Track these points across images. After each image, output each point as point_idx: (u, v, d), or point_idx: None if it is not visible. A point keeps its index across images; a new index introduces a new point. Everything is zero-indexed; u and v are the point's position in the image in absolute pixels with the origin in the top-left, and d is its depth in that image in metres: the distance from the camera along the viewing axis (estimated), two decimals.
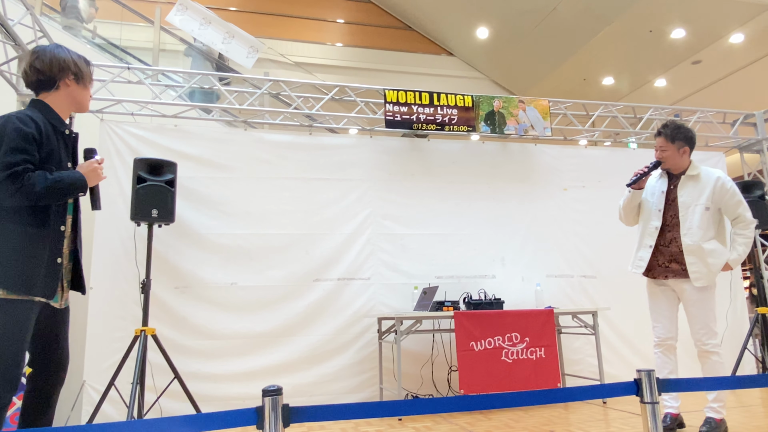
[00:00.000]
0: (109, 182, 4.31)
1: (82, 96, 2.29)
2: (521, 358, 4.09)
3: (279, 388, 1.48)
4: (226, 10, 9.37)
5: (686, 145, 3.30)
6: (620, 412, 3.90)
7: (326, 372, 4.46)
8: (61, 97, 2.22)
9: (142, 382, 3.61)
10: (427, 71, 10.44)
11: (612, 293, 5.18)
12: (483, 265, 5.01)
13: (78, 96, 2.27)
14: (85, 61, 2.31)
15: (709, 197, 3.22)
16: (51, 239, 2.13)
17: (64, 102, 2.24)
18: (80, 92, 2.27)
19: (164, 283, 4.29)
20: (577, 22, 8.71)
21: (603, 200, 5.39)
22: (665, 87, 9.87)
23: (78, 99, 2.28)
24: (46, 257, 2.10)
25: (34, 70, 2.17)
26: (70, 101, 2.26)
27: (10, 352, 1.99)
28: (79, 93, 2.27)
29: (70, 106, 2.27)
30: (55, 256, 2.13)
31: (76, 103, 2.29)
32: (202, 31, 4.96)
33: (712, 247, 3.17)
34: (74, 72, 2.24)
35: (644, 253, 3.39)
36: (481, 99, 5.05)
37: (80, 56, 2.30)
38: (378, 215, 4.86)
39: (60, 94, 2.22)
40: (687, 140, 3.30)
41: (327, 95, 4.96)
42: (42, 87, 2.20)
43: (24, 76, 2.22)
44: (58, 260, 2.15)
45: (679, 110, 5.91)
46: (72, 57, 2.25)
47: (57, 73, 2.19)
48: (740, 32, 8.10)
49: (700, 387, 1.84)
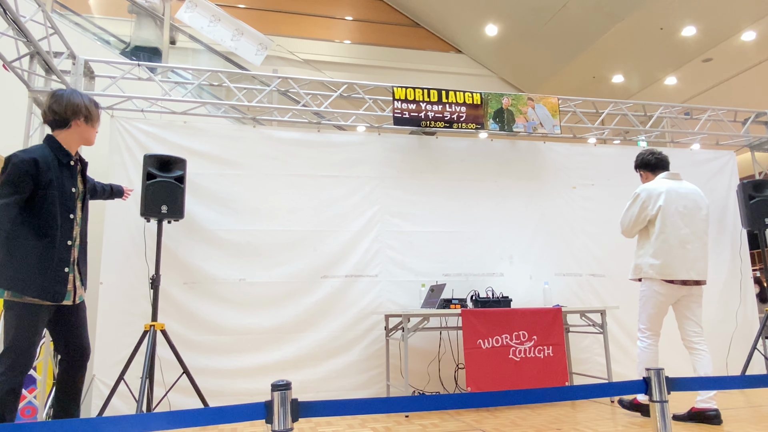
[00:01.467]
0: (119, 178, 4.34)
1: (89, 134, 2.70)
2: (529, 357, 4.08)
3: (288, 383, 1.49)
4: (236, 8, 9.40)
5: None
6: (628, 411, 3.88)
7: (333, 368, 4.48)
8: (71, 135, 2.62)
9: (151, 376, 3.64)
10: (436, 69, 10.43)
11: (621, 292, 5.16)
12: (491, 263, 5.00)
13: (86, 134, 2.68)
14: (95, 104, 2.71)
15: None
16: (58, 251, 2.50)
17: (74, 139, 2.64)
18: (88, 131, 2.69)
19: (173, 279, 4.32)
20: (587, 20, 8.66)
21: (612, 198, 5.36)
22: (676, 85, 9.79)
23: (85, 136, 2.68)
24: (54, 267, 2.48)
25: (52, 112, 2.58)
26: (78, 138, 2.66)
27: (22, 344, 2.40)
28: (87, 131, 2.68)
29: (79, 142, 2.67)
30: (62, 266, 2.52)
31: (84, 140, 2.69)
32: (211, 28, 4.97)
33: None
34: (85, 114, 2.63)
35: None
36: (490, 96, 5.03)
37: (91, 100, 2.70)
38: (386, 212, 4.86)
39: (71, 132, 2.62)
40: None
41: (335, 92, 4.97)
42: (56, 125, 2.60)
43: (43, 116, 2.64)
44: (65, 269, 2.53)
45: (690, 108, 5.87)
46: (84, 101, 2.64)
47: (70, 116, 2.59)
48: (752, 30, 8.02)
49: (711, 386, 1.83)
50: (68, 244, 2.56)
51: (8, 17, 3.36)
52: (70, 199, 2.60)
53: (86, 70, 4.37)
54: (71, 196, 2.61)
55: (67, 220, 2.57)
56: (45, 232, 2.47)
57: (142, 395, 3.44)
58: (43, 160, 2.50)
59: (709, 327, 5.24)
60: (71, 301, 2.59)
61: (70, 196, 2.60)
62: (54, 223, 2.50)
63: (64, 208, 2.56)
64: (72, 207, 2.60)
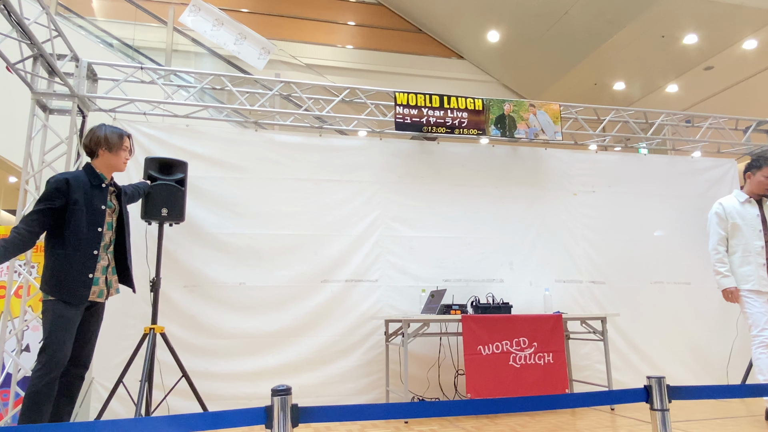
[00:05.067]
0: (121, 181, 4.33)
1: (113, 161, 3.13)
2: (529, 363, 4.07)
3: (288, 388, 1.49)
4: (239, 12, 9.43)
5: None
6: (628, 419, 3.87)
7: (333, 373, 4.47)
8: (100, 162, 3.11)
9: (150, 380, 3.62)
10: (438, 74, 10.44)
11: (621, 299, 5.15)
12: (491, 269, 4.99)
13: (111, 161, 3.12)
14: (118, 136, 3.13)
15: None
16: (82, 259, 2.90)
17: (103, 165, 3.12)
18: (113, 158, 3.12)
19: (174, 282, 4.31)
20: (589, 27, 8.68)
21: (613, 206, 5.36)
22: (677, 93, 9.81)
23: (111, 163, 3.12)
24: (78, 273, 2.88)
25: (84, 145, 3.14)
26: (106, 164, 3.12)
27: (57, 341, 2.76)
28: (112, 159, 3.12)
29: (108, 168, 3.13)
30: (87, 272, 2.91)
31: (110, 166, 3.13)
32: (214, 32, 4.99)
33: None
34: (106, 145, 3.08)
35: (763, 272, 3.93)
36: (492, 102, 5.04)
37: (114, 132, 3.13)
38: (387, 217, 4.86)
39: (100, 160, 3.10)
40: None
41: (337, 97, 4.97)
42: (89, 155, 3.12)
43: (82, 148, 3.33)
44: (90, 275, 2.92)
45: (691, 116, 5.88)
46: (106, 133, 3.09)
47: (95, 147, 3.08)
48: (753, 38, 8.04)
49: (712, 395, 1.83)
50: (94, 253, 2.95)
51: (12, 19, 3.37)
52: (99, 215, 3.01)
53: (89, 72, 4.38)
54: (101, 212, 3.02)
55: (93, 233, 2.96)
56: (71, 242, 2.87)
57: (141, 398, 3.43)
58: (75, 181, 2.94)
59: (709, 336, 5.24)
60: (103, 299, 3.06)
61: (100, 212, 3.01)
62: (80, 234, 2.90)
63: (91, 221, 2.96)
64: (100, 221, 3.01)
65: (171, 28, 6.18)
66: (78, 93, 4.20)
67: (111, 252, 3.13)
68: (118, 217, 3.19)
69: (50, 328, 2.77)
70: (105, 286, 3.05)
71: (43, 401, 2.68)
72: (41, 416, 2.69)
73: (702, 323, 5.25)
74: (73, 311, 2.84)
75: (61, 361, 2.76)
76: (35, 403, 2.67)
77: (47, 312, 2.80)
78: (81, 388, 3.04)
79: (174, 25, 6.21)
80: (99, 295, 3.01)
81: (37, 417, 2.67)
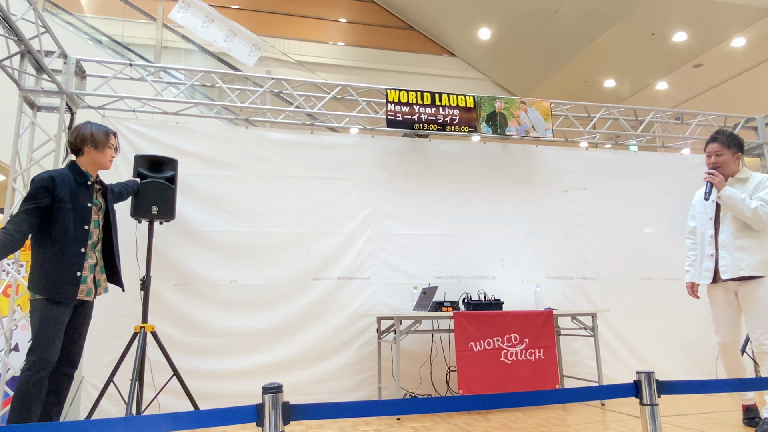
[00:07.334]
0: (110, 179, 4.31)
1: (99, 158, 3.08)
2: (520, 359, 4.09)
3: (279, 386, 1.48)
4: (229, 8, 9.37)
5: (739, 150, 3.41)
6: (618, 414, 3.90)
7: (325, 371, 4.46)
8: (85, 160, 3.06)
9: (141, 378, 3.61)
10: (429, 71, 10.45)
11: (611, 295, 5.19)
12: (483, 265, 5.01)
13: (96, 159, 3.07)
14: (104, 133, 3.09)
15: (750, 193, 3.27)
16: (70, 257, 2.86)
17: (89, 163, 3.07)
18: (98, 156, 3.08)
19: (164, 280, 4.29)
20: (579, 25, 8.71)
21: (603, 202, 5.40)
22: (666, 90, 9.88)
23: (96, 160, 3.08)
24: (66, 270, 2.85)
25: (69, 142, 3.08)
26: (91, 162, 3.07)
27: (45, 341, 2.74)
28: (97, 156, 3.07)
29: (93, 165, 3.08)
30: (74, 270, 2.88)
31: (96, 164, 3.09)
32: (204, 29, 4.95)
33: (742, 243, 3.23)
34: (92, 142, 3.04)
35: (709, 263, 3.41)
36: (483, 100, 5.05)
37: (100, 129, 3.09)
38: (378, 215, 4.86)
39: (85, 157, 3.06)
40: (740, 146, 3.42)
41: (329, 94, 4.96)
42: (75, 153, 3.07)
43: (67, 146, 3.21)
44: (78, 273, 2.89)
45: (680, 113, 5.92)
46: (92, 131, 3.06)
47: (80, 144, 3.04)
48: (742, 36, 8.11)
49: (701, 389, 1.85)
50: (81, 251, 2.92)
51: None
52: (86, 213, 2.97)
53: (78, 69, 4.34)
54: (87, 210, 2.98)
55: (81, 231, 2.93)
56: (58, 240, 2.84)
57: (132, 397, 3.41)
58: (61, 179, 2.90)
59: (698, 331, 5.29)
60: (91, 298, 3.03)
61: (86, 210, 2.98)
62: (67, 233, 2.87)
63: (78, 219, 2.93)
64: (87, 219, 2.97)
65: (161, 24, 6.13)
66: (66, 90, 4.16)
67: (99, 250, 3.10)
68: (105, 215, 3.16)
69: (39, 327, 2.75)
70: (93, 285, 3.03)
71: (32, 401, 2.68)
72: (30, 416, 2.68)
73: (691, 319, 5.29)
74: (61, 310, 2.82)
75: (50, 360, 2.75)
76: (24, 403, 2.66)
77: (35, 311, 2.79)
78: (70, 387, 3.01)
79: (164, 22, 6.17)
80: (87, 293, 2.99)
81: (26, 416, 2.66)
